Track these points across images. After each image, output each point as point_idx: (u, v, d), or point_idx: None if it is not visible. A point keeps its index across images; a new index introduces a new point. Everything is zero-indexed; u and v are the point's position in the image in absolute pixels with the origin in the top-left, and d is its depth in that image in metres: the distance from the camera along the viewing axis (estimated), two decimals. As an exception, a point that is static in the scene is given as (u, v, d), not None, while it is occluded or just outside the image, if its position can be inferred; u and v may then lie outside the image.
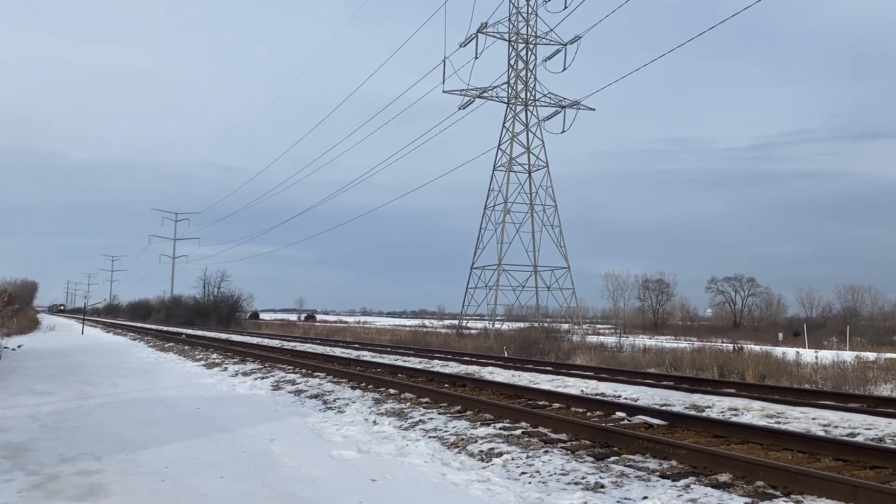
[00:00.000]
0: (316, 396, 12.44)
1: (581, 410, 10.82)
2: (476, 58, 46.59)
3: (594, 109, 50.77)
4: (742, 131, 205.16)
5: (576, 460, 7.25)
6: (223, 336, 41.39)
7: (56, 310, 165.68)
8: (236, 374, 16.59)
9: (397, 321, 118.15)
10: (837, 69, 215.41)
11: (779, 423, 9.89)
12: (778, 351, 27.10)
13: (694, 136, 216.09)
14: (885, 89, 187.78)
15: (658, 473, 6.73)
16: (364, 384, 14.18)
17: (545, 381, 15.28)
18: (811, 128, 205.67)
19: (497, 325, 45.89)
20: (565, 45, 48.24)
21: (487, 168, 72.89)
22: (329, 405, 11.35)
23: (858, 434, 9.08)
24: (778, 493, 5.99)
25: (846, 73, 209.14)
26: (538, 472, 6.78)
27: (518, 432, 8.75)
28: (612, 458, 7.39)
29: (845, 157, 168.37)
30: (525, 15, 50.28)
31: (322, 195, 69.47)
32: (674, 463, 7.13)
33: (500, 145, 51.03)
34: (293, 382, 14.60)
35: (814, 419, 10.13)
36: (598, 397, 12.54)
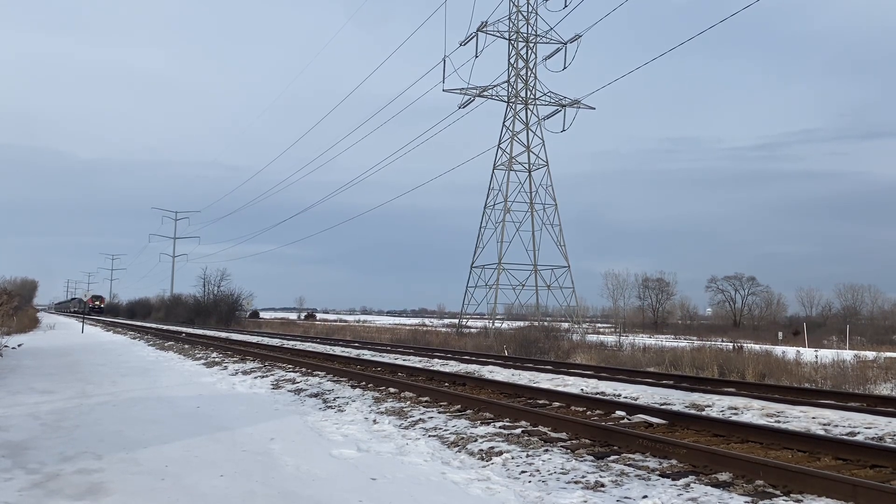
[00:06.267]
0: (316, 395, 12.44)
1: (581, 409, 10.82)
2: (476, 56, 46.67)
3: (594, 108, 50.89)
4: (746, 131, 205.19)
5: (576, 459, 7.25)
6: (223, 335, 41.38)
7: (93, 304, 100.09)
8: (236, 373, 16.58)
9: (397, 320, 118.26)
10: (842, 69, 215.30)
11: (779, 422, 9.89)
12: (778, 350, 27.10)
13: (698, 136, 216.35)
14: (890, 89, 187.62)
15: (658, 472, 6.72)
16: (364, 383, 14.18)
17: (545, 380, 15.28)
18: (815, 127, 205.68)
19: (497, 324, 45.91)
20: (565, 43, 48.28)
21: (487, 167, 72.90)
22: (329, 404, 11.35)
23: (858, 433, 9.08)
24: (778, 493, 5.99)
25: (850, 72, 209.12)
26: (538, 470, 6.78)
27: (518, 431, 8.75)
28: (612, 457, 7.39)
29: (849, 157, 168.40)
30: (525, 14, 50.30)
31: (322, 194, 69.94)
32: (674, 462, 7.13)
33: (500, 144, 51.10)
34: (293, 381, 14.60)
35: (814, 418, 10.13)
36: (597, 396, 12.54)
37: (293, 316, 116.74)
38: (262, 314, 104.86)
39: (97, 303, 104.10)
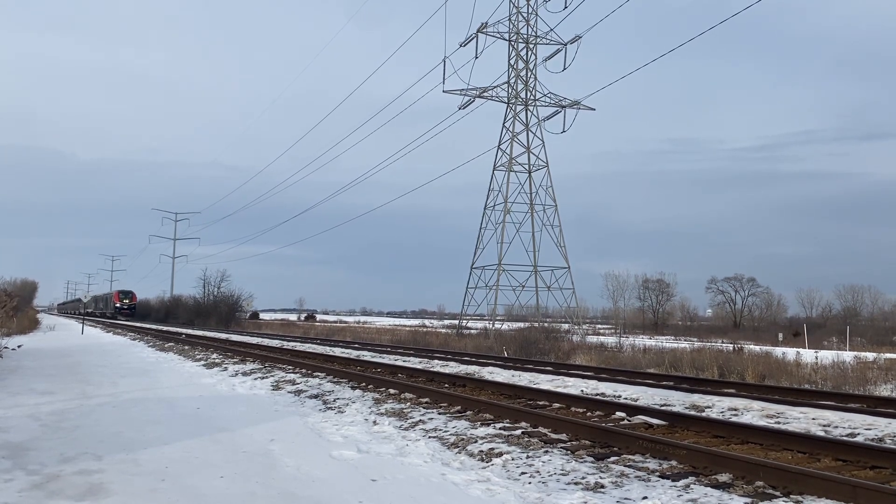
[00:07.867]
0: (316, 396, 12.44)
1: (581, 410, 10.82)
2: (476, 57, 46.62)
3: (594, 109, 50.82)
4: (746, 132, 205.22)
5: (576, 460, 7.25)
6: (223, 336, 41.37)
7: (119, 302, 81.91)
8: (236, 374, 16.59)
9: (397, 321, 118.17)
10: (843, 70, 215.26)
11: (779, 423, 9.89)
12: (778, 351, 27.10)
13: (698, 137, 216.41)
14: (889, 89, 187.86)
15: (658, 473, 6.73)
16: (364, 384, 14.18)
17: (545, 381, 15.28)
18: (817, 128, 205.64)
19: (497, 325, 45.88)
20: (565, 44, 48.29)
21: (487, 168, 73.01)
22: (329, 405, 11.36)
23: (858, 434, 9.08)
24: (778, 493, 5.99)
25: (852, 73, 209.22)
26: (538, 472, 6.78)
27: (518, 432, 8.75)
28: (612, 458, 7.39)
29: (850, 158, 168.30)
30: (525, 15, 50.30)
31: (322, 195, 69.80)
32: (674, 463, 7.13)
33: (500, 145, 51.08)
34: (293, 382, 14.61)
35: (814, 419, 10.13)
36: (598, 397, 12.55)
37: (293, 317, 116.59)
38: (262, 315, 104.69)
39: (126, 301, 77.24)
